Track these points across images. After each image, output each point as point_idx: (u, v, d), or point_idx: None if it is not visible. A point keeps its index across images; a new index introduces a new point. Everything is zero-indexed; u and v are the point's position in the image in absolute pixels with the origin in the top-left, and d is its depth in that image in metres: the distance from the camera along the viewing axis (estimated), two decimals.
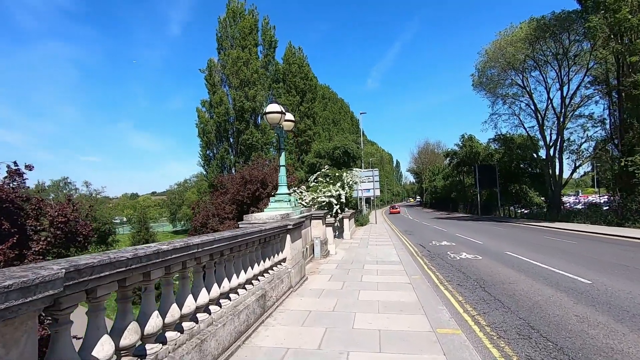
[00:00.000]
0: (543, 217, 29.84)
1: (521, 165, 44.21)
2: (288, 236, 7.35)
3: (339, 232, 19.24)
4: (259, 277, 5.70)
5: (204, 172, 44.31)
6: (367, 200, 49.18)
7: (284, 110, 9.62)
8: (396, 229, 25.67)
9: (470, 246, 14.58)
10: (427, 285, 7.40)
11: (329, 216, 15.31)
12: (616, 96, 29.95)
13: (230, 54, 42.15)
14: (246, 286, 5.07)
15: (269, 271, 6.22)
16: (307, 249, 10.59)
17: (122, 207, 63.87)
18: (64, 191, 78.92)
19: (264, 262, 6.03)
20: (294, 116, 11.82)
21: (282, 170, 10.23)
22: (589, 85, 29.05)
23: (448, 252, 12.94)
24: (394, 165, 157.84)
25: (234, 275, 4.71)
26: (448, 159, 62.61)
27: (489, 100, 38.27)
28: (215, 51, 43.75)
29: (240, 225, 7.92)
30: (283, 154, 10.30)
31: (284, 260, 7.21)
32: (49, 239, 11.33)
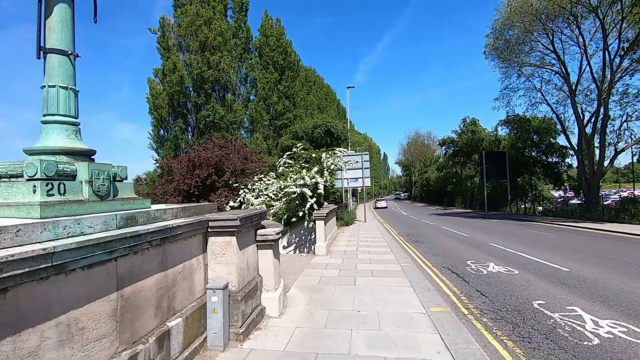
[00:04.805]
0: (578, 215, 23.31)
1: (532, 154, 37.87)
2: None
3: (311, 239, 12.16)
4: None
5: (156, 157, 36.13)
6: (354, 192, 42.14)
7: None
8: (394, 231, 18.59)
9: (556, 280, 7.53)
10: None
11: (271, 220, 8.26)
12: None
13: (188, 10, 33.97)
14: None
15: None
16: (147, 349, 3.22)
17: None
18: None
19: None
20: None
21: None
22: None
23: (537, 305, 5.82)
24: (382, 157, 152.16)
25: None
26: (444, 147, 55.86)
27: (501, 72, 31.52)
28: (171, 9, 35.31)
29: None
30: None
31: None
32: None
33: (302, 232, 17.01)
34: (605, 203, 23.84)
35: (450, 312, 5.31)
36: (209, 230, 4.31)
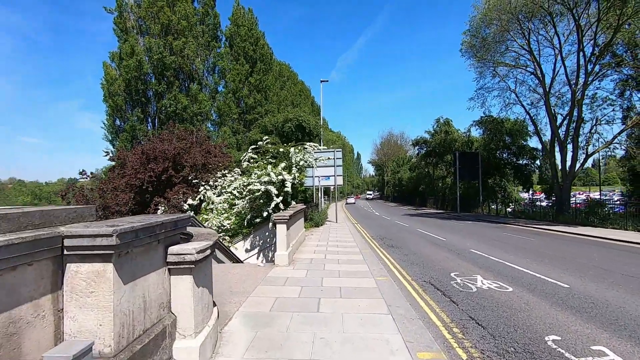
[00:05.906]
0: (551, 217, 23.07)
1: (504, 155, 38.07)
2: None
3: (275, 242, 10.48)
4: None
5: (111, 149, 32.93)
6: (326, 191, 40.70)
7: None
8: (367, 234, 17.25)
9: (560, 302, 6.31)
10: None
11: (233, 220, 6.58)
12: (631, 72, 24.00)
13: None
14: None
15: None
16: None
17: (18, 194, 50.47)
18: None
19: None
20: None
21: None
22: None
23: (553, 343, 4.48)
24: (355, 157, 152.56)
25: None
26: (417, 148, 55.67)
27: (476, 72, 31.14)
28: None
29: None
30: None
31: None
32: None
33: (266, 234, 15.29)
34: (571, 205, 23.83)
35: (445, 359, 3.84)
36: (66, 253, 2.56)
